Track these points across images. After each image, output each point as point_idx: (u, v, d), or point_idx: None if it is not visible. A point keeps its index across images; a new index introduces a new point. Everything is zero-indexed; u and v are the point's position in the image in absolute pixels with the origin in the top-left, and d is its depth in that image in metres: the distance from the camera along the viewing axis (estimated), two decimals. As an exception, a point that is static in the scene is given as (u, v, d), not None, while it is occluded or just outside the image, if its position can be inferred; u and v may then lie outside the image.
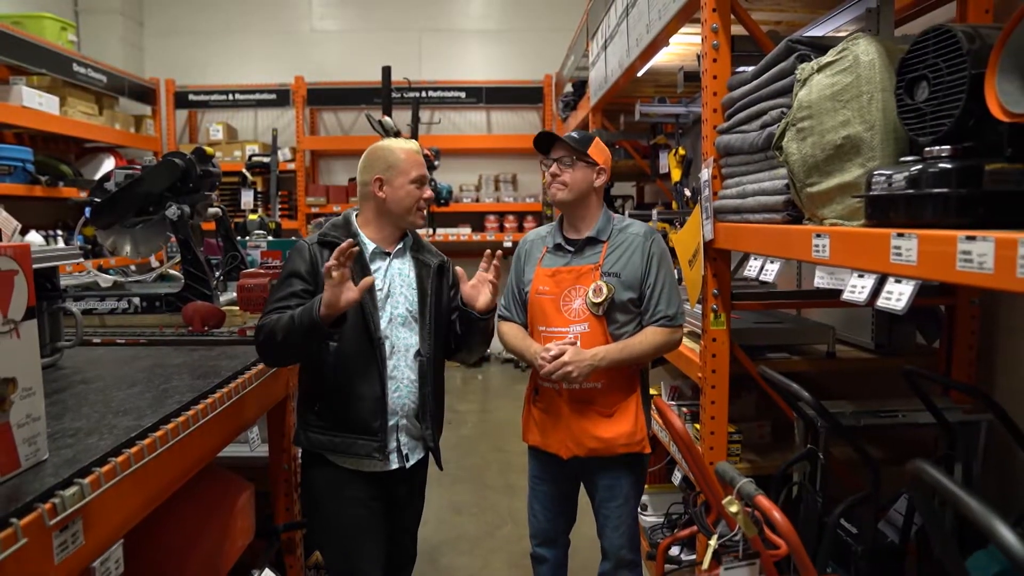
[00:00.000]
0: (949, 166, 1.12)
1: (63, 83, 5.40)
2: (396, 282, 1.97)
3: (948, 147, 1.15)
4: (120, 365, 1.94)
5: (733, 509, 1.29)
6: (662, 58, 3.23)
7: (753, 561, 1.36)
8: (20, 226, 2.47)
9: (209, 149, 2.65)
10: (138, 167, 2.71)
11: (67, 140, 5.84)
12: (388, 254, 1.99)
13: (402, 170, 1.94)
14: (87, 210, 2.71)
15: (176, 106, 7.13)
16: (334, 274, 1.65)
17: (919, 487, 0.91)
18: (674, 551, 2.76)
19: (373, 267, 1.95)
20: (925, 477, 0.87)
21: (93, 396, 1.61)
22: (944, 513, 1.75)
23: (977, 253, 0.96)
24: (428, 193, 1.99)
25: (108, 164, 6.08)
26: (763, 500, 1.24)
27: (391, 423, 1.91)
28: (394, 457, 1.93)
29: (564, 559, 2.36)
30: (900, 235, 1.15)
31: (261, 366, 1.98)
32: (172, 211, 2.50)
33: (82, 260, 3.49)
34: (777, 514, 1.20)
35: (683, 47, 3.18)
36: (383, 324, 1.91)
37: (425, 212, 1.99)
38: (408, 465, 1.97)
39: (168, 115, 7.08)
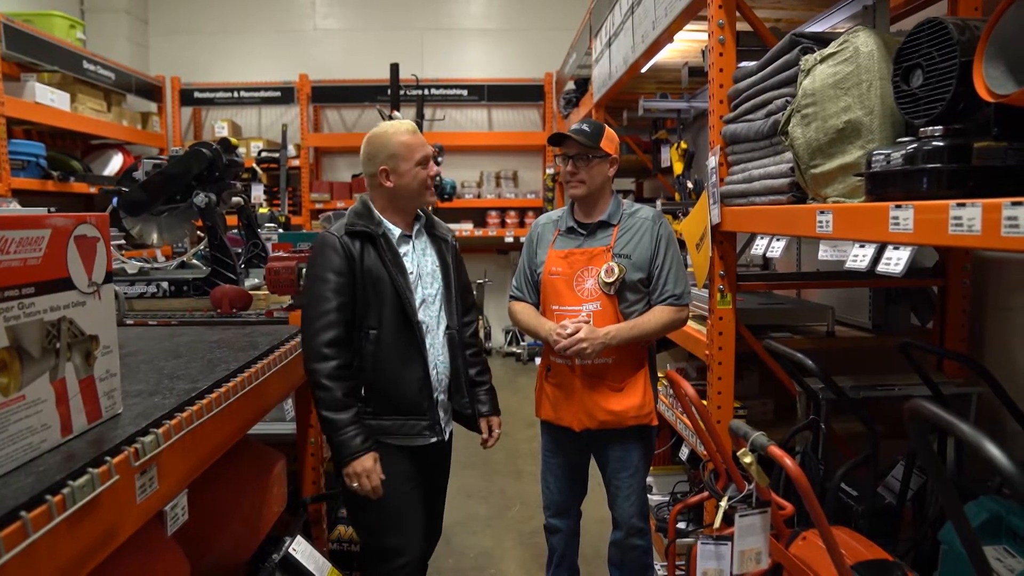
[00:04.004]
0: (941, 144, 1.24)
1: (73, 80, 5.49)
2: (422, 263, 2.05)
3: (940, 128, 1.27)
4: (160, 341, 2.04)
5: (747, 460, 1.40)
6: (665, 55, 3.35)
7: (765, 510, 1.48)
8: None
9: (234, 140, 2.76)
10: (165, 158, 2.82)
11: (74, 136, 5.93)
12: (410, 237, 2.06)
13: (405, 156, 1.96)
14: (115, 200, 2.82)
15: (181, 103, 7.22)
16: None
17: (917, 422, 1.03)
18: (680, 526, 2.88)
19: (401, 251, 2.01)
20: (923, 411, 0.99)
21: (144, 366, 1.72)
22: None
23: (967, 218, 1.09)
24: (434, 169, 2.02)
25: (116, 160, 6.17)
26: (775, 449, 1.37)
27: (435, 400, 2.01)
28: (432, 431, 2.02)
29: (576, 528, 2.48)
30: (898, 207, 1.27)
31: (293, 343, 2.09)
32: (200, 199, 2.60)
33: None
34: (788, 461, 1.32)
35: (686, 44, 3.31)
36: (417, 306, 1.98)
37: (433, 189, 2.05)
38: (445, 439, 2.07)
39: (174, 112, 7.17)
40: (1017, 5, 1.08)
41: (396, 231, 2.02)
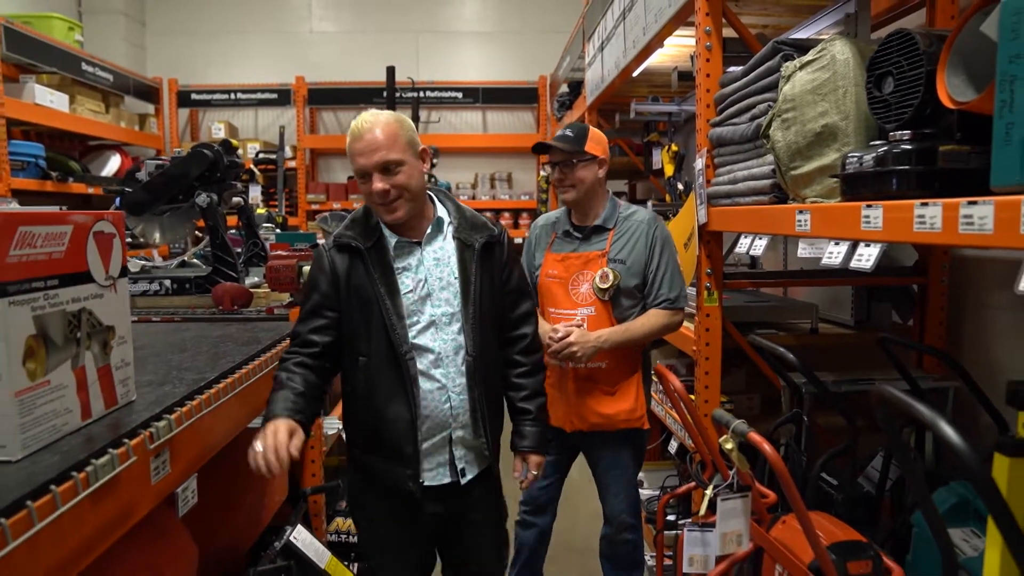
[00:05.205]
0: (909, 147, 1.32)
1: (72, 81, 5.53)
2: (434, 275, 1.73)
3: (909, 132, 1.35)
4: (165, 336, 2.11)
5: (729, 446, 1.48)
6: (656, 59, 3.43)
7: (745, 494, 1.56)
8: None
9: (235, 141, 2.82)
10: (167, 159, 2.88)
11: (72, 137, 5.97)
12: (419, 244, 1.75)
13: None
14: (118, 200, 2.88)
15: (179, 105, 7.27)
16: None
17: (883, 408, 1.10)
18: (670, 518, 2.95)
19: (400, 264, 1.72)
20: (886, 396, 1.07)
21: (152, 359, 1.78)
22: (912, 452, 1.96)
23: (929, 216, 1.17)
24: (375, 186, 1.64)
25: (114, 161, 6.21)
26: (754, 436, 1.44)
27: (434, 440, 1.72)
28: (444, 471, 1.75)
29: (549, 530, 2.52)
30: (869, 206, 1.35)
31: (295, 338, 2.16)
32: (202, 199, 2.67)
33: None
34: (767, 446, 1.40)
35: (676, 48, 3.39)
36: (418, 330, 1.70)
37: (392, 206, 1.68)
38: (464, 481, 1.76)
39: (171, 114, 7.22)
40: (974, 20, 1.17)
41: (393, 239, 1.74)
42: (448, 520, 1.82)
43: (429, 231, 1.76)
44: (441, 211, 1.81)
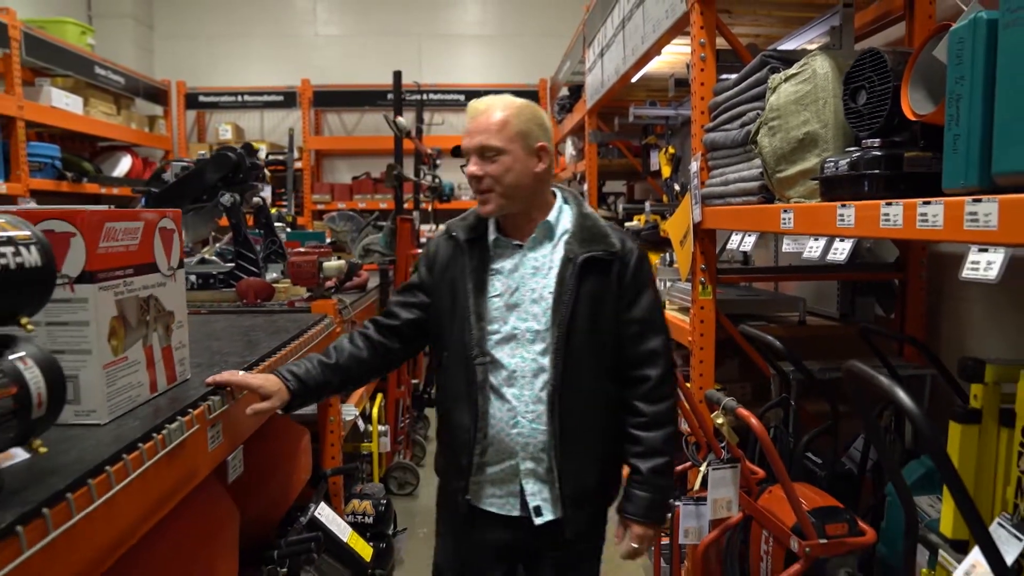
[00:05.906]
0: (879, 153, 1.49)
1: (85, 84, 5.69)
2: (528, 285, 1.58)
3: (879, 140, 1.52)
4: (198, 327, 2.26)
5: (719, 421, 1.65)
6: (654, 66, 3.60)
7: (735, 464, 1.72)
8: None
9: (256, 144, 2.98)
10: (192, 161, 3.05)
11: (83, 138, 6.12)
12: (520, 246, 1.61)
13: None
14: (143, 199, 3.04)
15: (186, 107, 7.42)
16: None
17: (852, 379, 1.27)
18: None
19: (496, 264, 1.61)
20: (853, 369, 1.23)
21: (193, 345, 1.90)
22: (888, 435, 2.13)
23: (892, 214, 1.34)
24: (469, 168, 1.57)
25: (125, 162, 6.37)
26: (742, 410, 1.61)
27: (502, 467, 1.57)
28: (515, 502, 1.58)
29: None
30: (843, 206, 1.52)
31: (318, 328, 2.32)
32: (226, 199, 2.83)
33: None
34: (753, 420, 1.57)
35: (674, 56, 3.56)
36: (497, 340, 1.56)
37: (483, 196, 1.58)
38: (539, 521, 1.56)
39: (179, 115, 7.37)
40: (930, 44, 1.33)
41: (493, 235, 1.63)
42: (530, 563, 1.67)
43: (535, 235, 1.61)
44: (559, 216, 1.63)
